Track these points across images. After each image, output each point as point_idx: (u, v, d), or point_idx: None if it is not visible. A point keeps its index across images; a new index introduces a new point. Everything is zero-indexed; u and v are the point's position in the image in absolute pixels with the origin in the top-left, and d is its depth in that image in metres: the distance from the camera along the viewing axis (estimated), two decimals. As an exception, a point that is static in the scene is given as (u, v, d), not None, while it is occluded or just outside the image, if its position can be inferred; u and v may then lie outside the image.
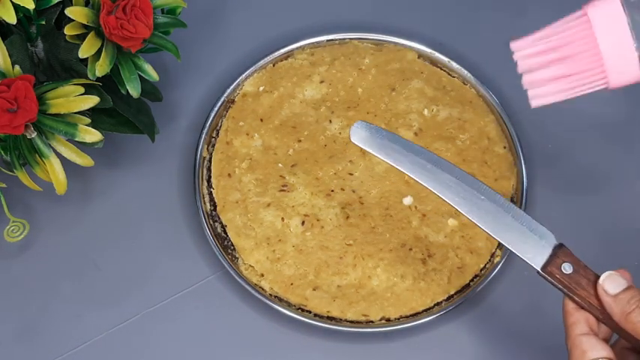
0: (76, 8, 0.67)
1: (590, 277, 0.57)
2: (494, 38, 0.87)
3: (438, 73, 0.84)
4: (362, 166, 0.79)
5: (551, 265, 0.58)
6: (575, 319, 0.57)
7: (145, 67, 0.71)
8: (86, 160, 0.69)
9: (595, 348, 0.55)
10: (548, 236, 0.59)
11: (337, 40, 0.85)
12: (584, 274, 0.57)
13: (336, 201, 0.77)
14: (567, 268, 0.58)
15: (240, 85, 0.83)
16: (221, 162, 0.79)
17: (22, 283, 0.76)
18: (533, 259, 0.59)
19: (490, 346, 0.74)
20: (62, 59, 0.71)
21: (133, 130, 0.75)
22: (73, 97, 0.66)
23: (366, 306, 0.73)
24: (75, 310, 0.74)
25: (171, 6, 0.73)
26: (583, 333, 0.56)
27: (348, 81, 0.83)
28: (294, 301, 0.74)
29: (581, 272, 0.58)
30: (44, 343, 0.73)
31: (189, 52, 0.81)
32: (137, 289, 0.75)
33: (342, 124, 0.81)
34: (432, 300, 0.74)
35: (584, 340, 0.56)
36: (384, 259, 0.75)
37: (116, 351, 0.73)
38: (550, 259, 0.58)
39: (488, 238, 0.76)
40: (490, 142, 0.80)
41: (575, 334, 0.56)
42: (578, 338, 0.56)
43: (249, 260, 0.75)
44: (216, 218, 0.78)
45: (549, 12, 0.92)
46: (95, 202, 0.79)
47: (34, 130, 0.66)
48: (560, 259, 0.58)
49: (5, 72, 0.65)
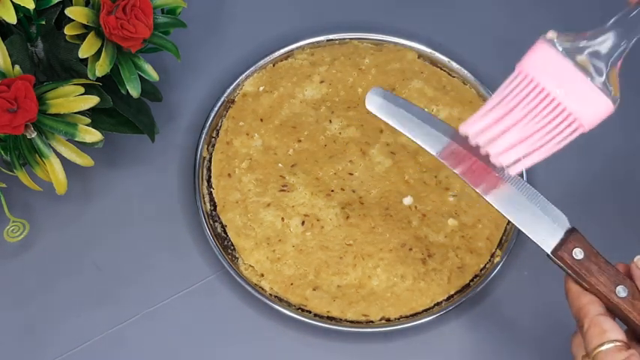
0: (76, 8, 0.67)
1: (602, 265, 0.57)
2: (494, 38, 0.88)
3: (438, 73, 0.84)
4: (362, 166, 0.79)
5: (562, 250, 0.57)
6: (590, 299, 0.57)
7: (145, 67, 0.71)
8: (86, 160, 0.69)
9: (614, 329, 0.55)
10: (562, 219, 0.58)
11: (337, 40, 0.85)
12: (595, 261, 0.57)
13: (336, 201, 0.77)
14: (578, 254, 0.57)
15: (240, 85, 0.83)
16: (221, 162, 0.79)
17: (22, 283, 0.76)
18: (544, 241, 0.58)
19: (490, 346, 0.74)
20: (62, 59, 0.71)
21: (133, 130, 0.75)
22: (73, 97, 0.67)
23: (366, 306, 0.73)
24: (75, 310, 0.74)
25: (171, 6, 0.73)
26: (601, 313, 0.56)
27: (348, 81, 0.83)
28: (294, 301, 0.74)
29: (592, 259, 0.57)
30: (44, 343, 0.73)
31: (189, 52, 0.81)
32: (137, 289, 0.75)
33: (342, 124, 0.81)
34: (432, 300, 0.74)
35: (602, 319, 0.55)
36: (384, 259, 0.75)
37: (116, 351, 0.73)
38: (561, 243, 0.58)
39: (488, 237, 0.76)
40: (490, 142, 0.80)
41: (594, 314, 0.56)
42: (597, 318, 0.56)
43: (249, 260, 0.75)
44: (216, 218, 0.78)
45: (549, 12, 0.92)
46: (95, 201, 0.79)
47: (34, 130, 0.66)
48: (571, 244, 0.57)
49: (5, 72, 0.65)
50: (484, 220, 0.77)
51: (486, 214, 0.77)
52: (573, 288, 0.58)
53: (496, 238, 0.77)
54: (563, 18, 0.88)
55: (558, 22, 0.88)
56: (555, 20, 0.88)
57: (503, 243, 0.76)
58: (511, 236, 0.76)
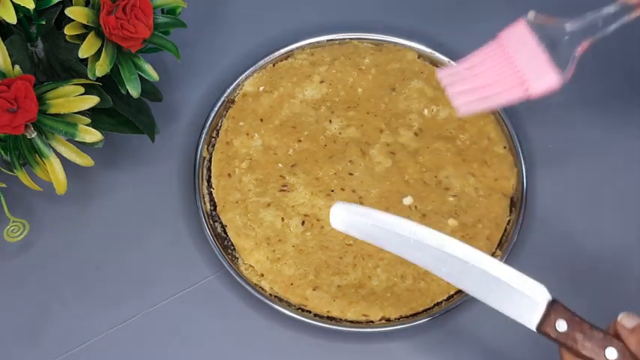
0: (76, 8, 0.67)
1: (586, 331, 0.57)
2: (494, 38, 0.88)
3: (438, 73, 0.84)
4: (362, 166, 0.79)
5: (545, 325, 0.58)
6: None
7: (145, 67, 0.71)
8: (86, 160, 0.69)
9: None
10: (541, 293, 0.59)
11: (337, 40, 0.85)
12: (579, 329, 0.57)
13: (336, 201, 0.77)
14: (562, 326, 0.58)
15: (240, 85, 0.83)
16: (221, 162, 0.80)
17: (22, 283, 0.76)
18: (527, 320, 0.59)
19: (490, 346, 0.74)
20: (62, 59, 0.71)
21: (133, 130, 0.75)
22: (73, 97, 0.67)
23: (366, 306, 0.73)
24: (75, 310, 0.74)
25: (171, 6, 0.73)
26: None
27: (348, 81, 0.83)
28: (294, 301, 0.74)
29: (576, 327, 0.57)
30: (44, 343, 0.73)
31: (189, 52, 0.81)
32: (137, 289, 0.75)
33: (342, 124, 0.81)
34: (431, 300, 0.74)
35: None
36: (383, 259, 0.75)
37: (116, 351, 0.73)
38: (544, 318, 0.58)
39: (488, 237, 0.76)
40: (490, 142, 0.80)
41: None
42: None
43: (249, 260, 0.75)
44: (216, 218, 0.78)
45: (549, 12, 0.92)
46: (95, 202, 0.79)
47: (34, 130, 0.66)
48: (553, 317, 0.58)
49: (5, 72, 0.65)
50: (484, 220, 0.77)
51: (486, 214, 0.77)
52: (566, 356, 0.59)
53: (496, 238, 0.76)
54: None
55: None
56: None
57: (503, 243, 0.76)
58: (511, 236, 0.76)
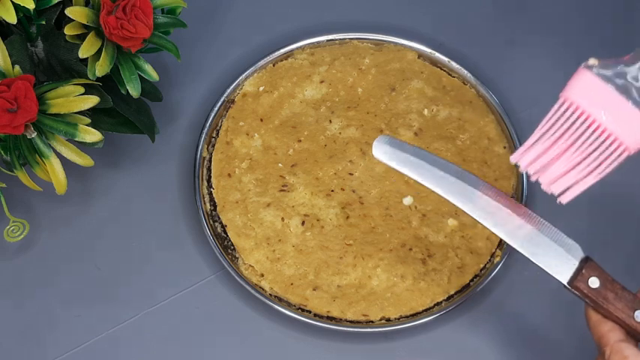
0: (76, 8, 0.67)
1: (618, 291, 0.57)
2: (494, 38, 0.88)
3: (438, 73, 0.84)
4: (362, 166, 0.79)
5: (577, 280, 0.58)
6: (610, 327, 0.57)
7: (145, 67, 0.71)
8: (86, 160, 0.69)
9: (635, 355, 0.55)
10: (575, 249, 0.59)
11: (337, 40, 0.85)
12: (611, 288, 0.58)
13: (336, 201, 0.77)
14: (594, 282, 0.58)
15: (240, 85, 0.83)
16: (221, 162, 0.80)
17: (22, 283, 0.76)
18: (559, 273, 0.59)
19: (490, 346, 0.74)
20: (62, 59, 0.71)
21: (133, 130, 0.76)
22: (73, 97, 0.67)
23: (366, 306, 0.73)
24: (75, 310, 0.74)
25: (171, 6, 0.73)
26: (622, 340, 0.57)
27: (348, 81, 0.83)
28: (294, 301, 0.74)
29: (608, 286, 0.58)
30: (44, 343, 0.73)
31: (189, 52, 0.81)
32: (137, 289, 0.75)
33: (342, 124, 0.81)
34: (432, 300, 0.74)
35: (623, 346, 0.56)
36: (384, 259, 0.75)
37: (116, 351, 0.73)
38: (577, 273, 0.58)
39: (488, 237, 0.76)
40: (490, 142, 0.80)
41: (615, 340, 0.57)
42: (617, 344, 0.56)
43: (249, 260, 0.75)
44: (216, 218, 0.78)
45: (549, 11, 0.92)
46: (95, 202, 0.79)
47: (34, 130, 0.66)
48: (587, 273, 0.58)
49: (5, 72, 0.65)
50: (484, 220, 0.77)
51: (486, 214, 0.77)
52: (593, 316, 0.58)
53: (496, 238, 0.76)
54: (564, 18, 0.88)
55: (558, 21, 0.88)
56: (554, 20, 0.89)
57: (503, 243, 0.76)
58: (511, 236, 0.76)
